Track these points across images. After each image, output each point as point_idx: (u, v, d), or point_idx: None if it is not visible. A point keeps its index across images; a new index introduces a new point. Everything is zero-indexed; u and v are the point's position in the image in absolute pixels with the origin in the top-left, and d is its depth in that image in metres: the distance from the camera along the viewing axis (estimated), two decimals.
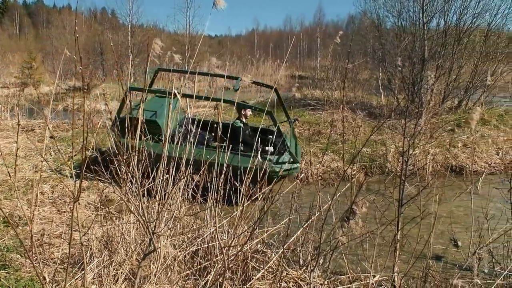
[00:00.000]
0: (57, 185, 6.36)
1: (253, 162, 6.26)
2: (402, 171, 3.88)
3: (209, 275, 3.55)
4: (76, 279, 3.53)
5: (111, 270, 3.57)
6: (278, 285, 3.76)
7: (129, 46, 20.21)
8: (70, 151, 7.73)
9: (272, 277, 3.86)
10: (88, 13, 43.17)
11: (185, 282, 3.65)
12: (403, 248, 4.47)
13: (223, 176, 4.41)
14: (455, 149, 9.46)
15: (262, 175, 4.24)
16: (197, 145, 6.40)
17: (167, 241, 3.73)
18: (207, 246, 3.91)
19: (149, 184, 3.87)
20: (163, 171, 4.07)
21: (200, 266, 3.79)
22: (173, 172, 4.18)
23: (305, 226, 4.10)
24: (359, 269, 4.20)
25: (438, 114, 11.80)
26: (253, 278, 3.70)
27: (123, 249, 3.74)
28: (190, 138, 5.58)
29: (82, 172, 2.35)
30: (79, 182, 2.30)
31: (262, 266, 3.89)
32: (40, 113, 11.18)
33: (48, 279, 3.52)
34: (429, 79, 11.47)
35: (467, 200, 5.78)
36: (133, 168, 3.25)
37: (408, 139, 4.17)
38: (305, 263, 4.10)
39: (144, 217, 2.97)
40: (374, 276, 3.98)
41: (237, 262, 3.82)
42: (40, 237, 4.57)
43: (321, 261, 4.13)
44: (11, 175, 5.37)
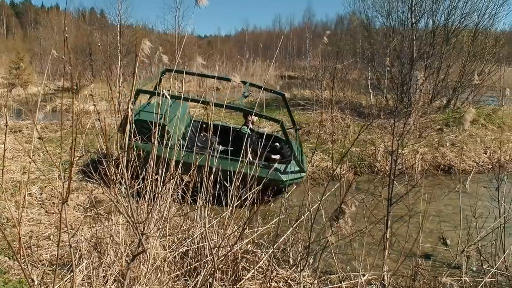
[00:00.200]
0: (45, 186, 6.31)
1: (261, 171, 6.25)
2: (391, 170, 3.89)
3: (199, 275, 3.55)
4: (65, 281, 3.51)
5: (101, 272, 3.55)
6: (268, 285, 3.76)
7: (118, 46, 20.11)
8: (60, 152, 7.67)
9: (262, 277, 3.86)
10: (77, 13, 42.90)
11: (175, 283, 3.64)
12: (392, 246, 4.50)
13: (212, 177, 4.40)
14: (444, 148, 9.52)
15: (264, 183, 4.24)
16: (203, 149, 6.35)
17: (156, 242, 3.71)
18: (197, 247, 3.90)
19: (138, 185, 3.85)
20: (153, 171, 4.05)
21: (190, 267, 3.78)
22: (163, 172, 4.16)
23: (295, 226, 4.11)
24: (348, 268, 4.22)
25: (427, 113, 11.87)
26: (243, 278, 3.70)
27: (113, 250, 3.72)
28: (196, 142, 5.58)
29: (70, 173, 2.34)
30: (67, 183, 2.28)
31: (252, 266, 3.89)
32: (28, 114, 11.09)
33: (36, 281, 3.50)
34: (418, 79, 11.52)
35: (455, 198, 5.83)
36: (122, 169, 3.23)
37: (397, 138, 4.19)
38: (295, 262, 4.11)
39: (133, 218, 2.95)
40: (364, 275, 3.99)
41: (227, 262, 3.82)
42: (29, 239, 4.53)
43: (311, 261, 4.14)
44: None
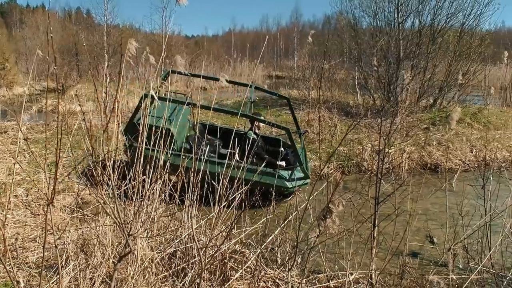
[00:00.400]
0: (31, 188, 6.26)
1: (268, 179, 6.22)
2: (378, 169, 3.91)
3: (187, 276, 3.54)
4: (52, 283, 3.48)
5: (88, 273, 3.52)
6: (257, 284, 3.76)
7: (104, 47, 19.97)
8: (48, 153, 7.61)
9: (250, 277, 3.85)
10: (63, 13, 42.58)
11: (162, 284, 3.62)
12: (380, 245, 4.52)
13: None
14: (430, 147, 9.59)
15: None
16: (208, 153, 6.29)
17: (144, 242, 3.70)
18: (185, 247, 3.88)
19: (125, 185, 3.83)
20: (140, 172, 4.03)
21: (178, 268, 3.77)
22: (150, 172, 4.14)
23: (282, 225, 4.12)
24: (336, 267, 4.23)
25: (414, 112, 11.94)
26: (231, 278, 3.69)
27: (100, 251, 3.69)
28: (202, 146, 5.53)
29: (55, 174, 2.32)
30: (52, 184, 2.26)
31: (240, 266, 3.88)
32: (13, 115, 10.98)
33: (22, 284, 3.47)
34: (404, 78, 11.60)
35: (442, 197, 5.87)
36: (109, 170, 3.21)
37: (384, 137, 4.21)
38: (283, 262, 4.11)
39: (120, 219, 2.94)
40: (352, 274, 4.01)
41: (215, 262, 3.81)
42: (14, 241, 4.49)
43: (299, 260, 4.15)
44: None
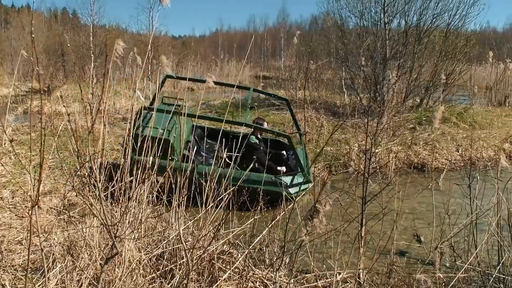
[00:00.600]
0: (17, 190, 6.19)
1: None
2: (365, 169, 3.92)
3: (175, 277, 3.52)
4: (38, 285, 3.44)
5: (75, 276, 3.49)
6: (245, 285, 3.76)
7: (91, 47, 19.84)
8: (33, 155, 7.53)
9: (238, 278, 3.85)
10: (48, 13, 42.19)
11: (150, 285, 3.61)
12: (367, 244, 4.53)
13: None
14: (417, 147, 9.66)
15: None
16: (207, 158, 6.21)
17: (131, 244, 3.68)
18: (173, 248, 3.87)
19: (112, 187, 3.81)
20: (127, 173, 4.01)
21: (165, 269, 3.75)
22: (138, 174, 4.12)
23: (270, 226, 4.12)
24: (324, 267, 4.23)
25: (400, 112, 12.02)
26: (219, 279, 3.69)
27: (87, 253, 3.67)
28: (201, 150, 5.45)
29: (40, 176, 2.29)
30: (37, 186, 2.24)
31: (228, 267, 3.88)
32: None
33: (9, 287, 3.43)
34: (390, 78, 11.66)
35: (429, 196, 5.90)
36: (95, 172, 3.18)
37: (371, 137, 4.23)
38: (271, 262, 4.11)
39: (107, 220, 2.92)
40: (339, 273, 4.01)
41: (202, 263, 3.80)
42: (0, 243, 4.44)
43: (286, 260, 4.15)
44: None
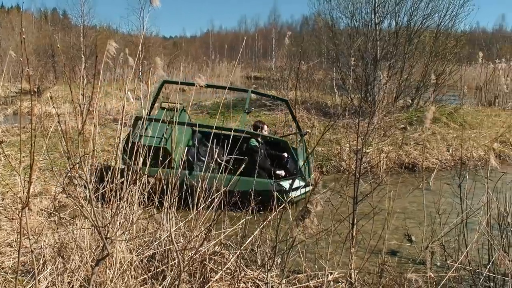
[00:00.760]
0: (7, 191, 6.16)
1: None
2: (356, 169, 3.94)
3: (166, 279, 3.51)
4: None
5: (66, 278, 3.47)
6: (236, 285, 3.76)
7: (81, 48, 19.76)
8: (24, 156, 7.48)
9: (230, 278, 3.85)
10: (38, 13, 41.87)
11: (141, 287, 3.59)
12: (359, 244, 4.54)
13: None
14: (408, 147, 9.70)
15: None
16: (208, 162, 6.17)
17: (123, 245, 3.66)
18: (164, 250, 3.86)
19: (103, 188, 3.79)
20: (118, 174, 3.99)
21: (157, 270, 3.74)
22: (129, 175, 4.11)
23: (262, 226, 4.11)
24: (316, 267, 4.24)
25: (391, 112, 12.07)
26: (211, 280, 3.68)
27: (78, 255, 3.65)
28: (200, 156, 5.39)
29: (30, 177, 2.28)
30: (27, 187, 2.22)
31: (220, 268, 3.87)
32: None
33: None
34: (381, 79, 11.71)
35: (419, 195, 5.93)
36: (85, 173, 3.17)
37: (362, 137, 4.24)
38: (263, 263, 4.11)
39: (97, 222, 2.90)
40: (331, 273, 4.02)
41: (194, 264, 3.79)
42: None
43: (278, 261, 4.15)
44: None
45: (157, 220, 4.32)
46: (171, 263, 3.72)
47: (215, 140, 5.69)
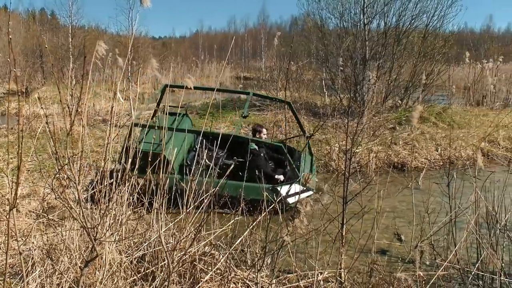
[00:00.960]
0: None
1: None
2: (345, 168, 3.95)
3: (156, 280, 3.50)
4: None
5: (55, 280, 3.45)
6: (227, 286, 3.75)
7: (70, 48, 19.62)
8: (11, 157, 7.42)
9: (220, 279, 3.84)
10: (26, 13, 41.54)
11: None
12: (348, 244, 4.56)
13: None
14: (397, 146, 9.74)
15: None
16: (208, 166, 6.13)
17: (112, 246, 3.64)
18: (154, 250, 3.84)
19: (92, 189, 3.77)
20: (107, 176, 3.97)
21: (147, 271, 3.72)
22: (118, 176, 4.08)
23: (251, 227, 4.11)
24: (306, 266, 4.25)
25: (380, 112, 12.12)
26: (201, 281, 3.67)
27: (67, 257, 3.62)
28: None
29: (17, 178, 2.26)
30: (15, 188, 2.20)
31: (210, 268, 3.86)
32: None
33: None
34: (370, 79, 11.75)
35: (409, 195, 5.95)
36: (74, 174, 3.15)
37: (351, 137, 4.25)
38: (253, 263, 4.11)
39: (86, 223, 2.88)
40: (321, 273, 4.03)
41: (184, 265, 3.78)
42: None
43: (268, 261, 4.15)
44: None
45: (147, 221, 4.30)
46: (160, 264, 3.71)
47: (215, 143, 5.65)
